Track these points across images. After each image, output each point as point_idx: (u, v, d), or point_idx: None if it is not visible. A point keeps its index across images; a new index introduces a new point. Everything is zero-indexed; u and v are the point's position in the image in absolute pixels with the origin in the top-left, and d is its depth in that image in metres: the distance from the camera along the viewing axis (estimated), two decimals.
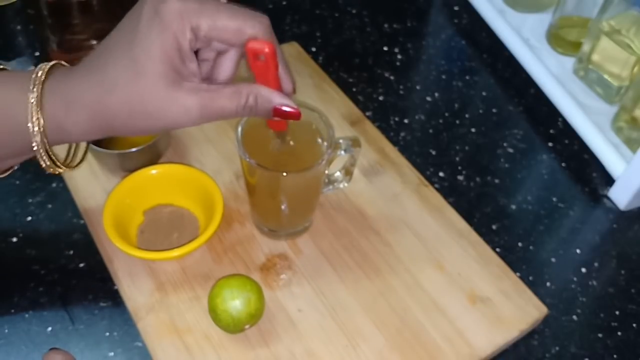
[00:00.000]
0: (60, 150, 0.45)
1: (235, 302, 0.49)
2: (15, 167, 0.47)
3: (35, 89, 0.40)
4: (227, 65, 0.44)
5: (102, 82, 0.40)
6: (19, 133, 0.41)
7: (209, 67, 0.44)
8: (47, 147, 0.42)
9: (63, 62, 0.43)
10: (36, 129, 0.40)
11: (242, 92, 0.42)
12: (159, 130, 0.42)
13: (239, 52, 0.44)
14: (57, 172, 0.45)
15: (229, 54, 0.44)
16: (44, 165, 0.43)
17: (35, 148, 0.41)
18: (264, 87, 0.43)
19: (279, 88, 0.44)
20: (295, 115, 0.44)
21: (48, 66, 0.41)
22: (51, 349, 0.47)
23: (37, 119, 0.40)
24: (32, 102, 0.40)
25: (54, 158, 0.43)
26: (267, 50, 0.41)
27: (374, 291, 0.54)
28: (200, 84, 0.41)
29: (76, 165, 0.48)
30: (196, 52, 0.42)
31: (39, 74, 0.41)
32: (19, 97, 0.40)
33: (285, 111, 0.43)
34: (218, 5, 0.40)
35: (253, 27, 0.41)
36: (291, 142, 0.52)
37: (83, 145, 0.50)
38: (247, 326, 0.50)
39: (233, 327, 0.49)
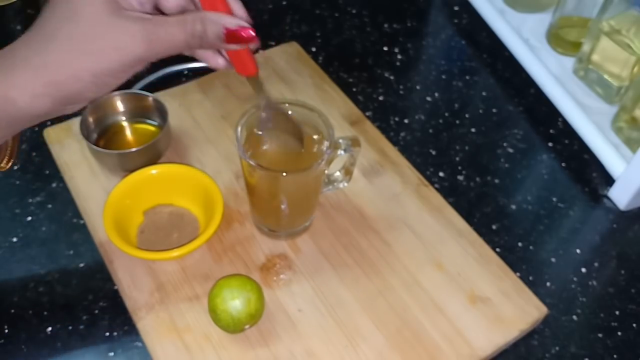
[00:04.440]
0: None
1: (235, 302, 0.49)
2: None
3: None
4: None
5: (43, 35, 0.39)
6: None
7: (150, 6, 0.43)
8: None
9: None
10: None
11: (187, 19, 0.40)
12: (109, 69, 0.39)
13: None
14: None
15: None
16: None
17: None
18: (211, 12, 0.40)
19: (229, 13, 0.41)
20: (252, 38, 0.40)
21: None
22: None
23: None
24: None
25: None
26: None
27: (374, 291, 0.54)
28: (142, 14, 0.40)
29: (6, 165, 0.44)
30: None
31: None
32: None
33: (239, 33, 0.40)
34: None
35: None
36: (287, 141, 0.52)
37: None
38: (247, 326, 0.50)
39: (233, 327, 0.49)
